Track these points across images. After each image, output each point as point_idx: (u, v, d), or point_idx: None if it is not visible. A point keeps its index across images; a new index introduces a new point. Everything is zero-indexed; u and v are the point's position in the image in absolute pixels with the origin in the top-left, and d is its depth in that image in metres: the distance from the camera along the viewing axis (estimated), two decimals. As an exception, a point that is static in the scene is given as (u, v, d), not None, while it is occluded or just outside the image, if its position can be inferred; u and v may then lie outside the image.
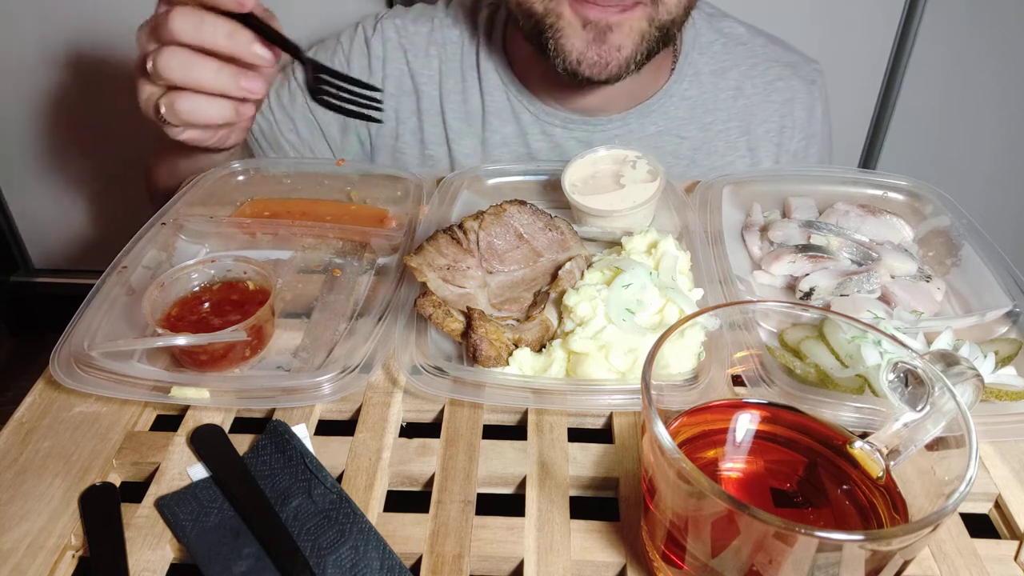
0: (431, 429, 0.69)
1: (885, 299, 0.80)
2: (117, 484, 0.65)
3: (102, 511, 0.61)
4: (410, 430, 0.69)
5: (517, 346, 0.73)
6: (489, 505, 0.62)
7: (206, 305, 0.78)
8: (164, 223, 0.91)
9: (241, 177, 1.02)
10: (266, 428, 0.67)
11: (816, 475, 0.55)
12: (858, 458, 0.52)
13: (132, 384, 0.70)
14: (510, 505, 0.63)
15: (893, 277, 0.83)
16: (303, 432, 0.67)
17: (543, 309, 0.76)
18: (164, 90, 0.86)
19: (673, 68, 1.17)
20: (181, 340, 0.70)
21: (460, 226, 0.80)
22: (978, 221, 0.88)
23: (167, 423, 0.70)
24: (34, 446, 0.67)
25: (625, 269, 0.74)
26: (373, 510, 0.62)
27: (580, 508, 0.62)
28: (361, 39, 1.19)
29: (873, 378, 0.66)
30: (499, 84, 1.16)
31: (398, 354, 0.72)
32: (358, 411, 0.70)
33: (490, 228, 0.81)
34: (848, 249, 0.86)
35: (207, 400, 0.69)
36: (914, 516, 0.49)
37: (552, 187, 1.00)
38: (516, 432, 0.69)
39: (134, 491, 0.63)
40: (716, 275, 0.81)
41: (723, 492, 0.43)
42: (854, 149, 2.21)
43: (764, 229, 0.91)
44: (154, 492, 0.63)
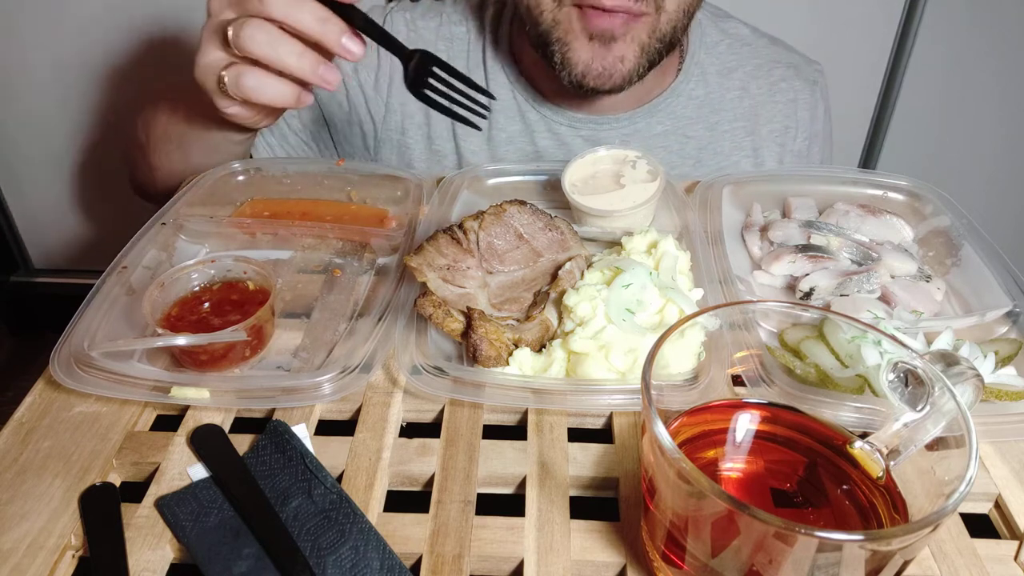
0: (431, 429, 0.69)
1: (885, 299, 0.80)
2: (117, 484, 0.65)
3: (102, 511, 0.61)
4: (410, 430, 0.69)
5: (517, 346, 0.73)
6: (489, 505, 0.62)
7: (206, 305, 0.78)
8: (164, 223, 0.91)
9: (241, 177, 1.02)
10: (266, 428, 0.67)
11: (816, 475, 0.55)
12: (858, 458, 0.52)
13: (132, 384, 0.70)
14: (510, 505, 0.63)
15: (893, 277, 0.83)
16: (303, 432, 0.67)
17: (543, 309, 0.76)
18: (232, 60, 0.83)
19: (680, 68, 1.17)
20: (181, 340, 0.70)
21: (460, 226, 0.80)
22: (978, 221, 0.88)
23: (167, 423, 0.70)
24: (34, 446, 0.67)
25: (625, 269, 0.74)
26: (373, 510, 0.62)
27: (580, 508, 0.62)
28: None
29: (873, 378, 0.66)
30: (505, 82, 1.16)
31: (398, 354, 0.72)
32: (358, 411, 0.70)
33: (490, 228, 0.81)
34: (848, 249, 0.86)
35: (207, 400, 0.69)
36: (914, 516, 0.49)
37: (552, 187, 1.00)
38: (516, 432, 0.69)
39: (134, 491, 0.63)
40: (716, 275, 0.81)
41: (723, 492, 0.43)
42: (854, 149, 2.21)
43: (764, 229, 0.91)
44: (154, 492, 0.63)
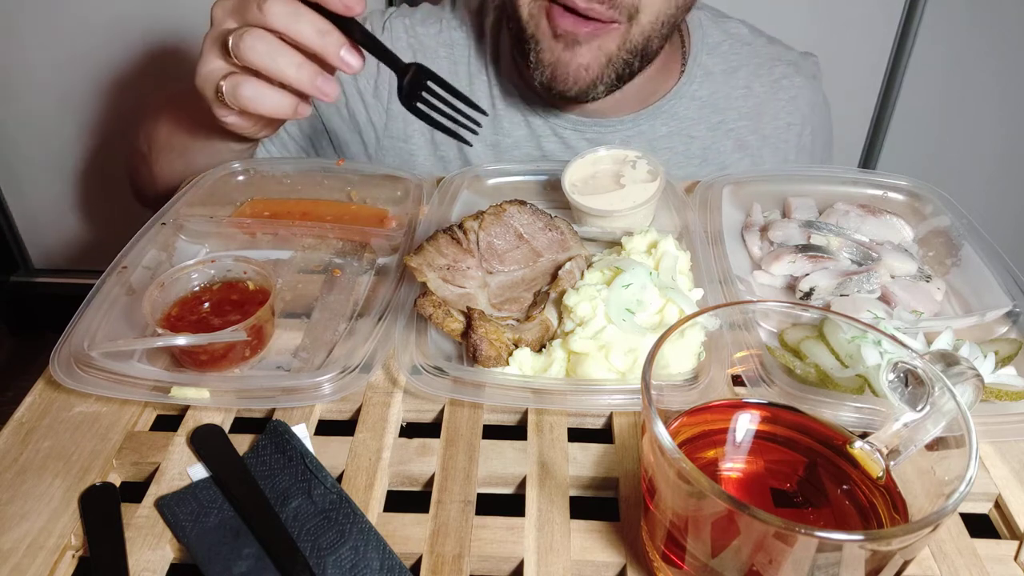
0: (431, 429, 0.69)
1: (885, 299, 0.80)
2: (117, 484, 0.65)
3: (102, 511, 0.61)
4: (410, 430, 0.69)
5: (517, 346, 0.73)
6: (489, 505, 0.62)
7: (206, 305, 0.78)
8: (164, 223, 0.91)
9: (241, 177, 1.02)
10: (266, 428, 0.67)
11: (816, 475, 0.55)
12: (858, 458, 0.52)
13: (132, 384, 0.70)
14: (510, 505, 0.63)
15: (893, 277, 0.83)
16: (303, 432, 0.67)
17: (543, 309, 0.76)
18: (231, 69, 0.83)
19: (682, 70, 1.18)
20: (181, 340, 0.70)
21: (460, 226, 0.80)
22: (978, 221, 0.88)
23: (167, 423, 0.70)
24: (34, 446, 0.67)
25: (625, 269, 0.74)
26: (373, 510, 0.62)
27: (580, 508, 0.62)
28: None
29: (873, 378, 0.66)
30: (509, 88, 1.16)
31: (398, 354, 0.72)
32: (358, 411, 0.70)
33: (490, 228, 0.81)
34: (848, 249, 0.86)
35: (207, 400, 0.69)
36: (914, 516, 0.49)
37: (552, 187, 1.00)
38: (516, 432, 0.69)
39: (134, 491, 0.63)
40: (716, 275, 0.81)
41: (723, 492, 0.43)
42: (854, 149, 2.21)
43: (764, 229, 0.91)
44: (154, 492, 0.63)
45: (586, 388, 0.70)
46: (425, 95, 0.85)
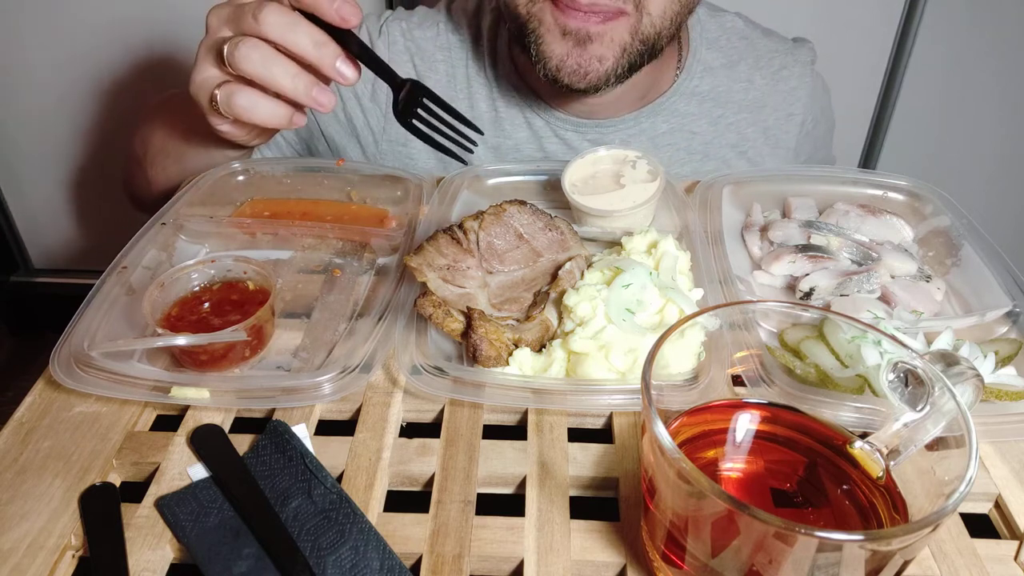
0: (431, 429, 0.69)
1: (885, 299, 0.80)
2: (117, 484, 0.65)
3: (102, 511, 0.61)
4: (410, 430, 0.69)
5: (517, 346, 0.73)
6: (489, 505, 0.62)
7: (206, 305, 0.78)
8: (164, 223, 0.91)
9: (241, 177, 1.02)
10: (266, 428, 0.67)
11: (816, 475, 0.55)
12: (858, 458, 0.52)
13: (132, 384, 0.70)
14: (510, 505, 0.63)
15: (893, 277, 0.83)
16: (303, 432, 0.67)
17: (543, 309, 0.76)
18: (226, 78, 0.83)
19: (681, 66, 1.17)
20: (181, 340, 0.71)
21: (460, 226, 0.80)
22: (978, 221, 0.88)
23: (167, 423, 0.70)
24: (34, 446, 0.67)
25: (625, 269, 0.74)
26: (373, 510, 0.62)
27: (580, 508, 0.62)
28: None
29: (873, 378, 0.66)
30: (508, 90, 1.16)
31: (398, 354, 0.72)
32: (358, 411, 0.70)
33: (490, 228, 0.81)
34: (848, 249, 0.86)
35: (207, 400, 0.69)
36: (914, 516, 0.49)
37: (552, 187, 1.00)
38: (516, 432, 0.69)
39: (134, 491, 0.63)
40: (716, 275, 0.81)
41: (723, 492, 0.43)
42: (854, 149, 2.21)
43: (764, 229, 0.91)
44: (154, 492, 0.63)
45: (586, 388, 0.70)
46: (421, 112, 0.85)
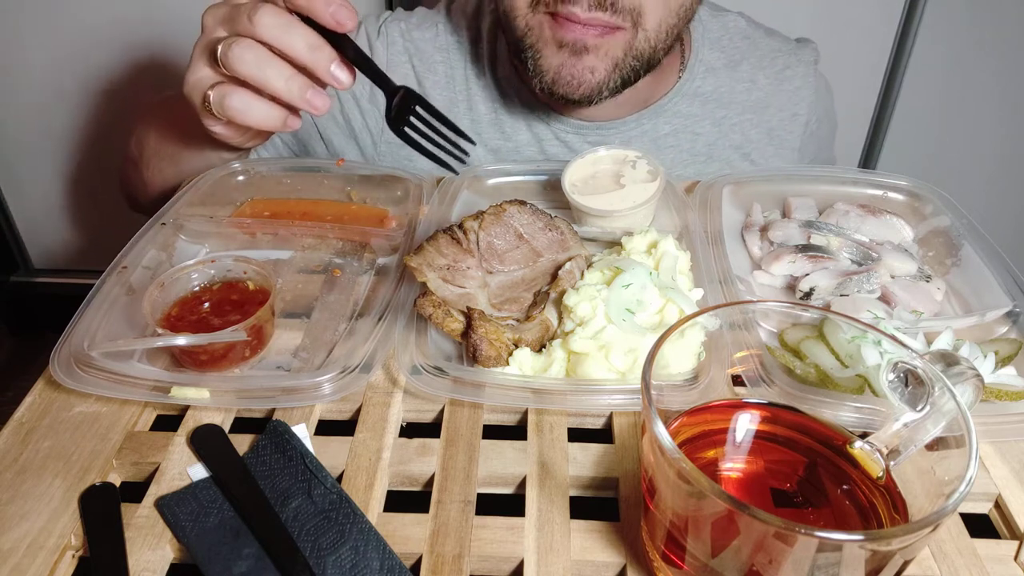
0: (431, 429, 0.69)
1: (885, 299, 0.80)
2: (117, 484, 0.65)
3: (102, 511, 0.61)
4: (410, 430, 0.69)
5: (517, 346, 0.73)
6: (489, 505, 0.62)
7: (206, 305, 0.78)
8: (164, 223, 0.91)
9: (241, 177, 1.02)
10: (266, 428, 0.67)
11: (816, 475, 0.55)
12: (858, 458, 0.52)
13: (132, 384, 0.70)
14: (510, 505, 0.63)
15: (893, 277, 0.83)
16: (303, 432, 0.67)
17: (543, 309, 0.76)
18: (220, 79, 0.82)
19: (683, 66, 1.17)
20: (181, 340, 0.71)
21: (460, 226, 0.80)
22: (978, 221, 0.88)
23: (167, 423, 0.70)
24: (34, 446, 0.67)
25: (625, 269, 0.74)
26: (373, 510, 0.62)
27: (580, 508, 0.62)
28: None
29: (873, 378, 0.66)
30: (509, 92, 1.15)
31: (398, 354, 0.72)
32: (358, 411, 0.70)
33: (490, 228, 0.81)
34: (848, 249, 0.86)
35: (207, 400, 0.69)
36: (914, 516, 0.49)
37: (552, 187, 1.00)
38: (516, 432, 0.69)
39: (134, 491, 0.63)
40: (716, 275, 0.81)
41: (723, 492, 0.43)
42: (854, 149, 2.21)
43: (764, 229, 0.91)
44: (154, 492, 0.63)
45: (586, 388, 0.70)
46: (413, 120, 0.84)
